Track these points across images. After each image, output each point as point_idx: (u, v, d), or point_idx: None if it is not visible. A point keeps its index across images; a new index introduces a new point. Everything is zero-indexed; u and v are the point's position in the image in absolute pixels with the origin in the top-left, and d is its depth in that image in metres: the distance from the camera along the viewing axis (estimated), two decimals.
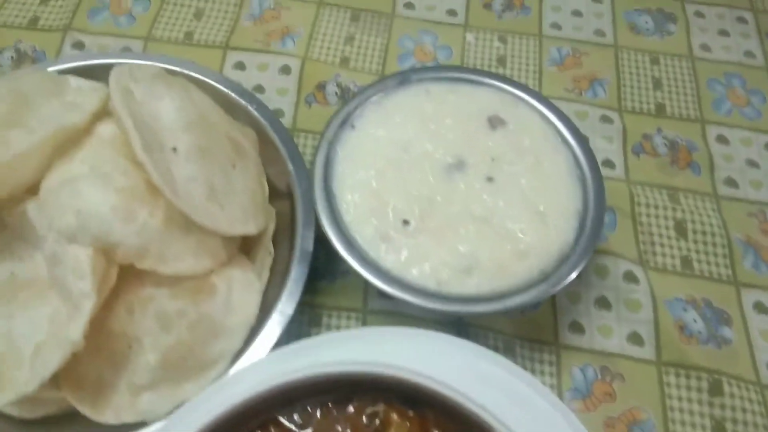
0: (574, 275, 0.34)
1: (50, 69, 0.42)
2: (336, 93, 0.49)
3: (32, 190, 0.35)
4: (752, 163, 0.48)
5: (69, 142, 0.35)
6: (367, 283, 0.41)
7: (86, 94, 0.38)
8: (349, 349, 0.32)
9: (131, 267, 0.34)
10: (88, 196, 0.33)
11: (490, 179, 0.37)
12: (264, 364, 0.33)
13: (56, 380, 0.33)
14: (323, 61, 0.51)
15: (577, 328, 0.41)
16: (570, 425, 0.30)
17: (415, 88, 0.41)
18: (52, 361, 0.31)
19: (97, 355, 0.34)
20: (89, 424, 0.34)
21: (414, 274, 0.35)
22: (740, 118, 0.50)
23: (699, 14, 0.56)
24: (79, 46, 0.50)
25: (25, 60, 0.49)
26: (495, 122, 0.39)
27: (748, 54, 0.54)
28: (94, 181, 0.33)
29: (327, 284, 0.42)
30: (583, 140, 0.39)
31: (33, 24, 0.51)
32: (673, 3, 0.56)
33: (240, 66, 0.50)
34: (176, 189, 0.33)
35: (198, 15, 0.53)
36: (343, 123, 0.39)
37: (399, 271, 0.35)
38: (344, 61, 0.51)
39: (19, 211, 0.35)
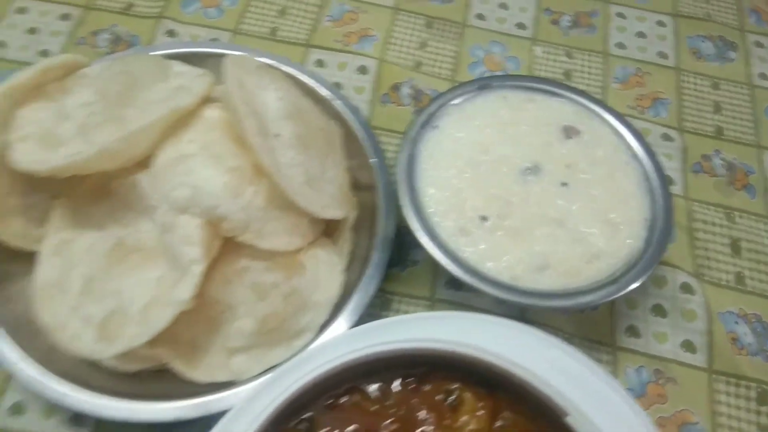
0: (642, 280, 0.37)
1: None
2: (410, 94, 0.52)
3: (142, 164, 0.38)
4: None
5: (178, 123, 0.38)
6: (435, 274, 0.44)
7: (192, 79, 0.41)
8: (428, 328, 0.35)
9: (229, 240, 0.37)
10: (202, 172, 0.36)
11: (564, 185, 0.40)
12: (348, 337, 0.35)
13: (153, 339, 0.36)
14: (398, 64, 0.54)
15: (633, 332, 0.43)
16: (636, 415, 0.32)
17: (494, 95, 0.43)
18: (162, 318, 0.34)
19: (193, 319, 0.36)
20: (180, 380, 0.37)
21: (489, 267, 0.37)
22: None
23: (758, 44, 0.58)
24: (171, 34, 0.53)
25: (120, 43, 0.52)
26: (570, 132, 0.42)
27: None
28: (206, 159, 0.36)
29: (398, 272, 0.44)
30: (652, 155, 0.41)
31: (128, 10, 0.54)
32: (733, 32, 0.59)
33: (320, 63, 0.53)
34: (281, 172, 0.36)
35: (282, 13, 0.56)
36: (426, 123, 0.42)
37: (475, 263, 0.37)
38: (417, 65, 0.54)
39: (129, 182, 0.38)
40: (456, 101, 0.43)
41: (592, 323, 0.43)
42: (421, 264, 0.44)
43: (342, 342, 0.35)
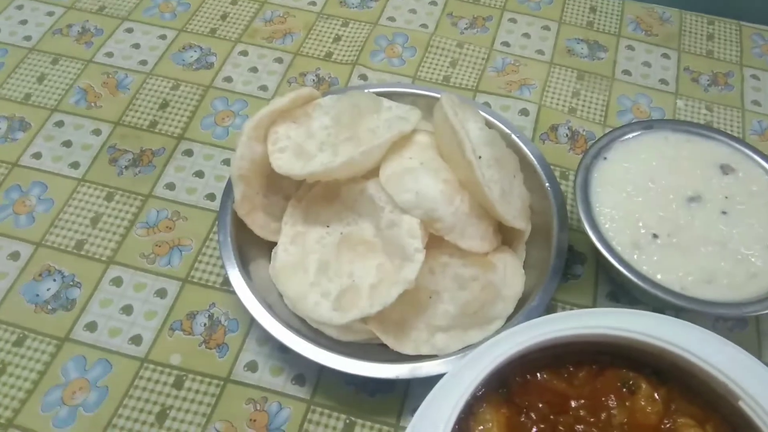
0: None
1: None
2: (567, 135, 0.60)
3: (365, 175, 0.48)
4: None
5: (398, 144, 0.48)
6: (596, 286, 0.50)
7: (406, 111, 0.50)
8: (612, 320, 0.41)
9: (432, 239, 0.45)
10: (424, 181, 0.44)
11: (724, 213, 0.46)
12: (541, 322, 0.42)
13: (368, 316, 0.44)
14: (555, 109, 0.62)
15: None
16: None
17: (657, 134, 0.50)
18: (391, 294, 0.42)
19: (402, 301, 0.44)
20: (385, 352, 0.44)
21: (659, 278, 0.43)
22: None
23: None
24: (363, 77, 0.64)
25: (323, 83, 0.64)
26: (726, 169, 0.48)
27: None
28: (427, 172, 0.45)
29: (561, 284, 0.50)
30: None
31: (328, 57, 0.66)
32: None
33: (486, 105, 0.62)
34: (487, 186, 0.44)
35: (453, 64, 0.66)
36: (597, 155, 0.49)
37: (647, 273, 0.43)
38: (572, 110, 0.62)
39: (358, 189, 0.47)
40: (623, 138, 0.50)
41: (739, 340, 0.47)
42: (582, 277, 0.51)
43: (536, 325, 0.41)
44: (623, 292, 0.50)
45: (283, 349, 0.45)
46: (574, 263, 0.52)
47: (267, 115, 0.48)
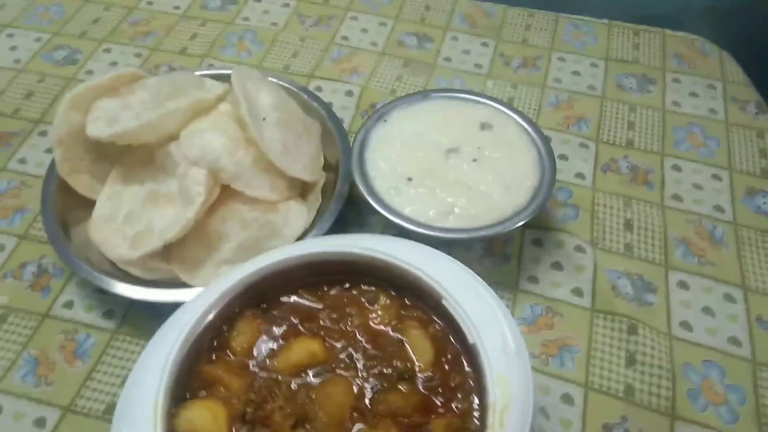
0: (521, 222, 0.49)
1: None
2: None
3: (174, 138, 0.55)
4: (697, 186, 0.61)
5: (201, 112, 0.55)
6: (384, 227, 0.57)
7: (217, 87, 0.58)
8: (356, 241, 0.47)
9: (227, 189, 0.52)
10: (209, 138, 0.52)
11: (475, 160, 0.53)
12: (289, 248, 0.48)
13: (168, 257, 0.51)
14: (378, 90, 0.70)
15: (534, 280, 0.54)
16: (498, 306, 0.43)
17: (432, 101, 0.58)
18: (173, 231, 0.49)
19: (198, 243, 0.51)
20: (186, 287, 0.51)
21: (407, 211, 0.51)
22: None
23: (676, 80, 0.71)
24: (210, 67, 0.72)
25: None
26: (485, 126, 0.56)
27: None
28: (214, 131, 0.53)
29: (356, 230, 0.57)
30: (546, 143, 0.55)
31: (183, 52, 0.74)
32: (655, 71, 0.72)
33: (319, 89, 0.70)
34: (264, 141, 0.52)
35: (295, 55, 0.74)
36: (378, 118, 0.57)
37: (399, 208, 0.51)
38: (393, 91, 0.70)
39: (165, 150, 0.54)
40: (403, 104, 0.58)
41: (501, 273, 0.55)
42: (373, 226, 0.58)
43: (290, 248, 0.48)
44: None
45: (99, 291, 0.51)
46: (370, 215, 0.59)
47: (84, 89, 0.55)
